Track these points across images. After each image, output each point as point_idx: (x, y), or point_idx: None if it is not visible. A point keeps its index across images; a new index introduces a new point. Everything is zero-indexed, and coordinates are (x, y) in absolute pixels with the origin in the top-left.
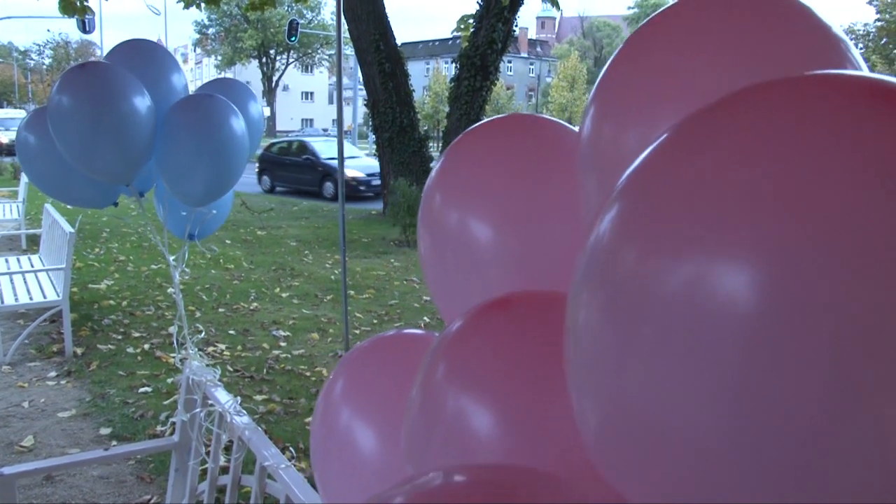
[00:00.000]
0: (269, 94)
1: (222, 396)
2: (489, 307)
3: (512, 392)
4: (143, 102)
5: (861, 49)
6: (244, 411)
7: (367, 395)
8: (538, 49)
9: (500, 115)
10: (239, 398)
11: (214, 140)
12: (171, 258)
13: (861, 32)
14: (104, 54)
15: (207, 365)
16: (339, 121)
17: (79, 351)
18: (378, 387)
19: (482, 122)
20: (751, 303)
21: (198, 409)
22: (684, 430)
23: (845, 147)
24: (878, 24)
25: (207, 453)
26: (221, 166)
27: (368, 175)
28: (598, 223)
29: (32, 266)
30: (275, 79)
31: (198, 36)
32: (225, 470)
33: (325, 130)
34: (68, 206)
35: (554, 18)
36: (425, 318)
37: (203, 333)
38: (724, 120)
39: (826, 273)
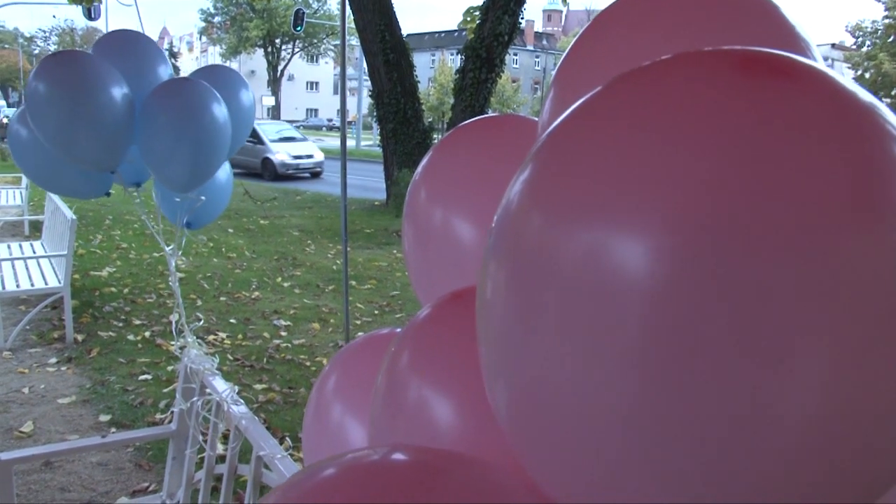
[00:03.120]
0: (275, 83)
1: (220, 385)
2: (455, 296)
3: (473, 380)
4: (118, 90)
5: (869, 46)
6: (241, 400)
7: (359, 392)
8: (544, 42)
9: (490, 115)
10: (237, 387)
11: (193, 123)
12: (169, 247)
13: (869, 30)
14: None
15: (206, 353)
16: (342, 111)
17: (79, 337)
18: (370, 384)
19: (473, 119)
20: (650, 273)
21: (195, 398)
22: (588, 408)
23: (714, 119)
24: (887, 21)
25: (205, 442)
26: (202, 150)
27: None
28: (508, 190)
29: (34, 252)
30: (280, 68)
31: (203, 24)
32: (222, 459)
33: (329, 120)
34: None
35: (560, 11)
36: None
37: (202, 322)
38: (625, 94)
39: (717, 241)
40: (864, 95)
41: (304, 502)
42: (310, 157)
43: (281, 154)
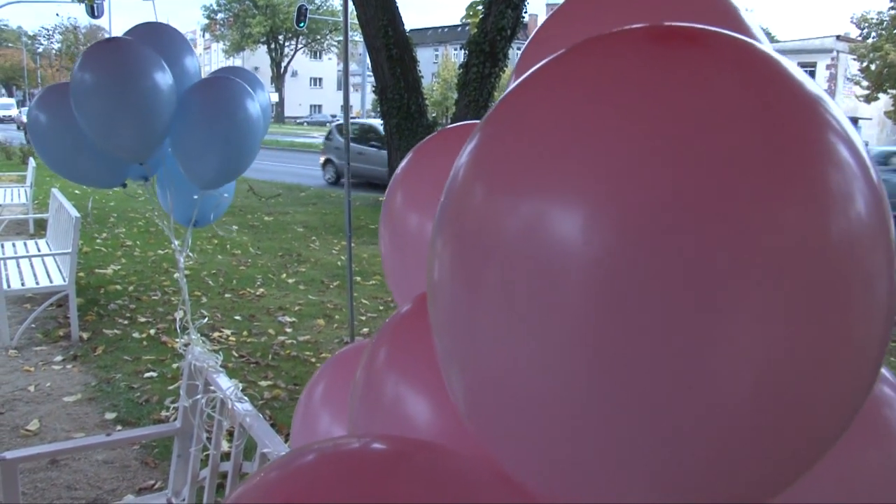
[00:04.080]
0: (278, 79)
1: (224, 382)
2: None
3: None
4: (165, 79)
5: (874, 38)
6: (245, 398)
7: (346, 402)
8: None
9: (470, 122)
10: (242, 384)
11: (231, 122)
12: (176, 242)
13: (875, 21)
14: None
15: (211, 350)
16: (345, 106)
17: (85, 335)
18: None
19: (453, 125)
20: (588, 245)
21: (199, 396)
22: (538, 386)
23: (630, 89)
24: (893, 12)
25: (209, 439)
26: (236, 149)
27: None
28: (455, 163)
29: (39, 250)
30: (283, 65)
31: (206, 21)
32: (227, 456)
33: (333, 116)
34: (76, 192)
35: None
36: None
37: (206, 319)
38: (560, 69)
39: (649, 211)
40: (777, 58)
41: (275, 487)
42: None
43: None
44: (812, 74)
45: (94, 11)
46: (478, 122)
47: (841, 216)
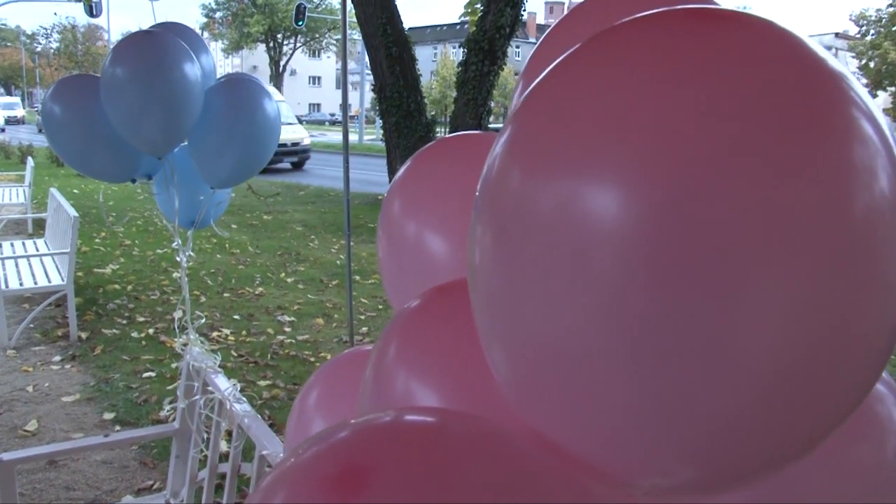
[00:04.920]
0: (277, 78)
1: (222, 383)
2: (440, 290)
3: (460, 371)
4: (195, 72)
5: (873, 35)
6: (244, 398)
7: (342, 406)
8: None
9: (471, 132)
10: (241, 384)
11: (252, 122)
12: (178, 241)
13: (874, 18)
14: (110, 38)
15: (210, 350)
16: (344, 105)
17: (83, 335)
18: (353, 397)
19: (454, 134)
20: (623, 221)
21: (197, 396)
22: (577, 357)
23: (669, 63)
24: (891, 9)
25: (208, 440)
26: (256, 149)
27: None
28: (490, 155)
29: (38, 250)
30: (282, 63)
31: (205, 20)
32: (225, 457)
33: (332, 115)
34: (74, 192)
35: (563, 3)
36: None
37: (204, 319)
38: (592, 53)
39: (682, 187)
40: (804, 38)
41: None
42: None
43: None
44: None
45: (92, 10)
46: (479, 131)
47: (865, 190)
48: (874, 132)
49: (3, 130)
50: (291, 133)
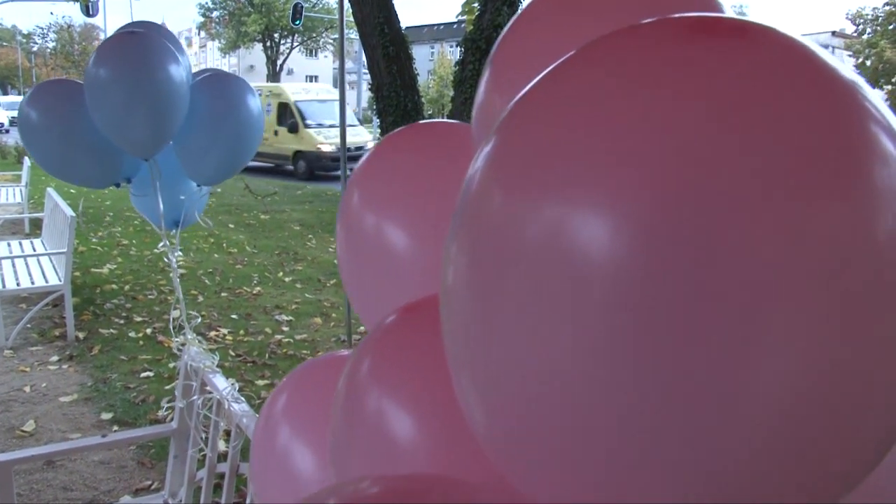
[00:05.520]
0: (274, 77)
1: (220, 383)
2: (420, 305)
3: (434, 390)
4: (180, 72)
5: (870, 34)
6: (242, 398)
7: (310, 413)
8: None
9: (431, 121)
10: (238, 383)
11: (236, 118)
12: (167, 242)
13: (870, 17)
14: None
15: (208, 350)
16: (341, 104)
17: (81, 335)
18: (320, 405)
19: (423, 122)
20: (617, 251)
21: (195, 397)
22: (557, 394)
23: (668, 87)
24: (888, 7)
25: (206, 440)
26: (241, 145)
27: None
28: (470, 168)
29: (35, 250)
30: (279, 63)
31: (202, 20)
32: (224, 457)
33: None
34: (71, 191)
35: None
36: None
37: (200, 319)
38: (582, 67)
39: (682, 215)
40: (816, 50)
41: None
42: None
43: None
44: None
45: (88, 10)
46: (443, 120)
47: (889, 213)
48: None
49: (7, 131)
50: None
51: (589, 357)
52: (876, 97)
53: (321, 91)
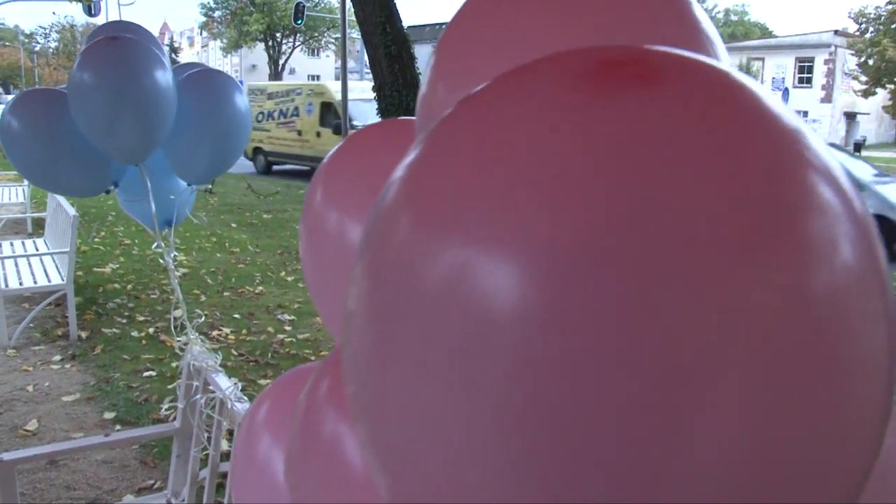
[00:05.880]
0: (276, 77)
1: (223, 382)
2: None
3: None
4: (166, 76)
5: (872, 33)
6: (245, 397)
7: (288, 424)
8: None
9: (404, 118)
10: (241, 383)
11: (220, 113)
12: (162, 243)
13: (873, 16)
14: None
15: (210, 349)
16: (343, 103)
17: (83, 335)
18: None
19: (400, 118)
20: (520, 302)
21: (198, 396)
22: (454, 454)
23: (562, 140)
24: (890, 6)
25: (209, 439)
26: (228, 140)
27: None
28: (390, 177)
29: (37, 249)
30: (281, 62)
31: (203, 19)
32: (226, 456)
33: None
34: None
35: None
36: None
37: (203, 319)
38: (488, 106)
39: (584, 269)
40: (748, 86)
41: None
42: None
43: None
44: (810, 70)
45: (91, 10)
46: (412, 118)
47: (825, 266)
48: (834, 194)
49: None
50: None
51: (486, 422)
52: (817, 141)
53: (364, 89)
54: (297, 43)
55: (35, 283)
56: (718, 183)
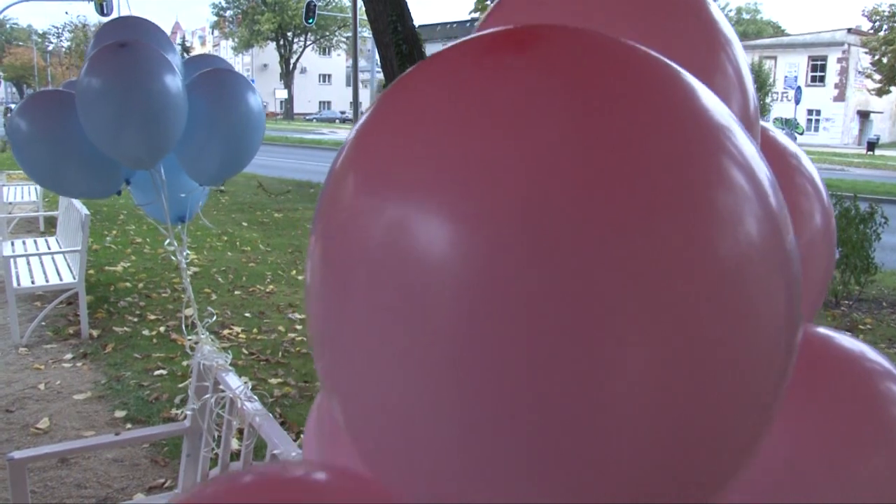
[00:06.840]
0: (287, 76)
1: (233, 381)
2: None
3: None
4: (176, 82)
5: (886, 30)
6: (255, 397)
7: None
8: None
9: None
10: (251, 382)
11: (234, 113)
12: (174, 242)
13: (887, 14)
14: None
15: (220, 349)
16: (354, 103)
17: (94, 333)
18: None
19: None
20: (461, 260)
21: (208, 395)
22: (404, 406)
23: (462, 103)
24: None
25: (219, 438)
26: (241, 140)
27: None
28: (347, 135)
29: (49, 248)
30: (292, 61)
31: (215, 19)
32: (237, 455)
33: (342, 112)
34: None
35: None
36: None
37: (215, 318)
38: (428, 76)
39: (511, 228)
40: (626, 47)
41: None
42: None
43: None
44: (823, 68)
45: (103, 9)
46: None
47: (729, 236)
48: (744, 179)
49: None
50: None
51: (429, 372)
52: (742, 135)
53: None
54: (309, 42)
55: (47, 281)
56: (638, 147)
